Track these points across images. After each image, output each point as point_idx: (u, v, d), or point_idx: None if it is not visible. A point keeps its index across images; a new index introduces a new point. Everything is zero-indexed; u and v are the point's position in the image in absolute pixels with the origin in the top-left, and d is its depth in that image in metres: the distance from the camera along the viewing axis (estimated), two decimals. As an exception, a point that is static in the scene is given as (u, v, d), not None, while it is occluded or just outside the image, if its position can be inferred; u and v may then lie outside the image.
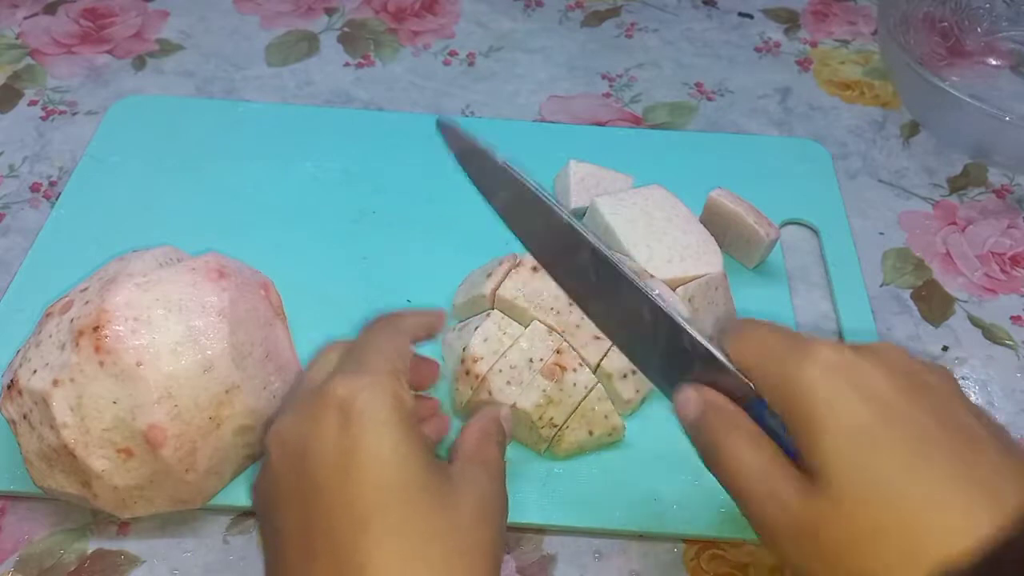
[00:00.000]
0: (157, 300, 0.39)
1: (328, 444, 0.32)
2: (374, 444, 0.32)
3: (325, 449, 0.32)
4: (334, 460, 0.32)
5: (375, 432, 0.32)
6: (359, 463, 0.32)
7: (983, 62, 0.70)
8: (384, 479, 0.32)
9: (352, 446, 0.32)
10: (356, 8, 0.73)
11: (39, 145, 0.61)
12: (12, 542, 0.42)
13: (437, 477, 0.33)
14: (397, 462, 0.32)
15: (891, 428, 0.29)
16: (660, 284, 0.47)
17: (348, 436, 0.32)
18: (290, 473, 0.33)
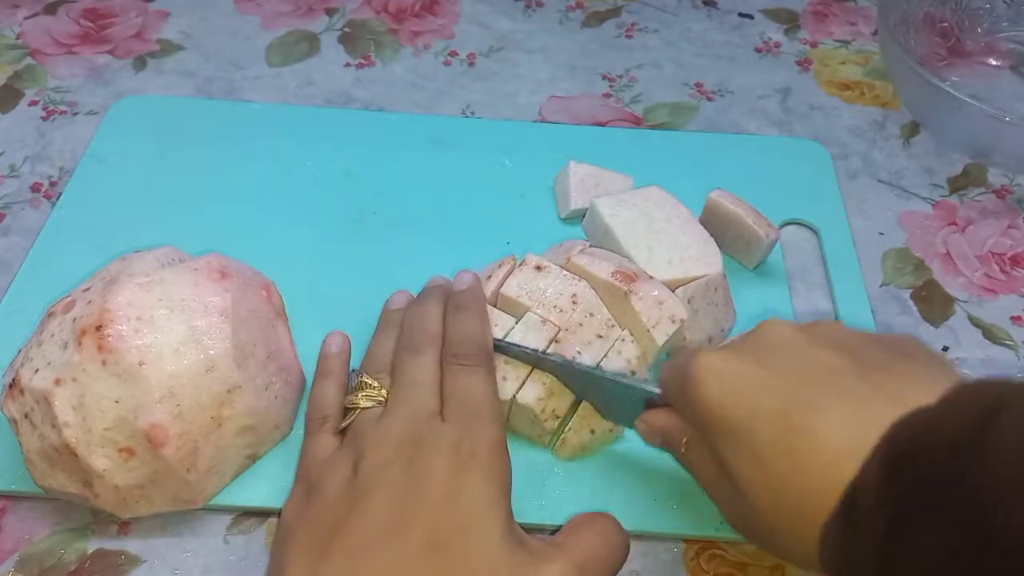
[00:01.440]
0: (160, 300, 0.39)
1: (445, 471, 0.36)
2: (481, 492, 0.36)
3: (440, 472, 0.36)
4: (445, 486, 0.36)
5: (483, 484, 0.36)
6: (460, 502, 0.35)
7: (983, 62, 0.70)
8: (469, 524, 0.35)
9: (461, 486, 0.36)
10: (356, 8, 0.73)
11: (40, 145, 0.61)
12: (13, 542, 0.42)
13: (512, 540, 0.35)
14: (489, 516, 0.35)
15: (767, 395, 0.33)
16: (659, 284, 0.47)
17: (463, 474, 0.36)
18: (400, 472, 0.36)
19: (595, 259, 0.47)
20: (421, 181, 0.58)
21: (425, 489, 0.35)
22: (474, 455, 0.37)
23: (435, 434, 0.38)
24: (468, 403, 0.39)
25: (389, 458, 0.37)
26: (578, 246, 0.49)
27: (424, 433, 0.38)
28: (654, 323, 0.46)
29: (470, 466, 0.36)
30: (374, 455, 0.37)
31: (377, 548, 0.34)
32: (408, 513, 0.35)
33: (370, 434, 0.39)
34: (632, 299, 0.46)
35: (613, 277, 0.46)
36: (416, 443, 0.37)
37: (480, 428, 0.38)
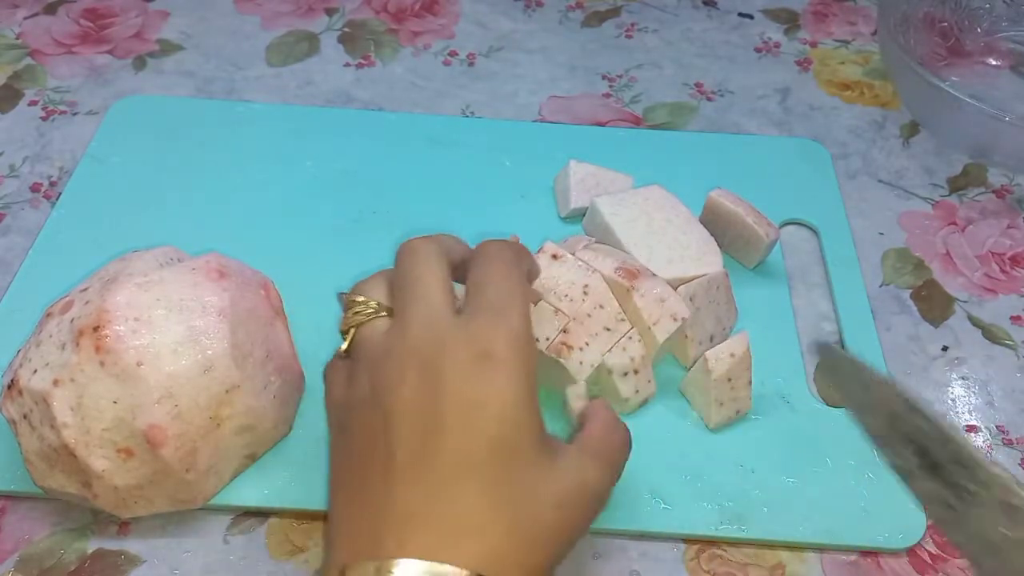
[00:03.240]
0: (158, 300, 0.39)
1: (463, 377, 0.33)
2: (505, 394, 0.33)
3: (459, 379, 0.33)
4: (466, 396, 0.33)
5: (509, 385, 0.33)
6: (487, 407, 0.33)
7: (983, 62, 0.70)
8: (500, 432, 0.33)
9: (484, 389, 0.33)
10: (356, 8, 0.73)
11: (39, 145, 0.61)
12: (12, 542, 0.42)
13: (545, 448, 0.34)
14: (517, 421, 0.33)
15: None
16: (661, 282, 0.47)
17: (483, 380, 0.33)
18: (417, 383, 0.34)
19: (599, 255, 0.47)
20: (421, 181, 0.58)
21: (444, 409, 0.33)
22: (491, 356, 0.34)
23: (449, 337, 0.34)
24: (486, 293, 0.36)
25: (400, 376, 0.34)
26: (582, 242, 0.50)
27: (435, 338, 0.34)
28: (655, 320, 0.46)
29: (489, 371, 0.33)
30: (383, 377, 0.35)
31: (410, 482, 0.32)
32: (430, 441, 0.33)
33: (375, 352, 0.36)
34: (634, 296, 0.46)
35: (616, 273, 0.46)
36: (429, 352, 0.34)
37: (499, 322, 0.34)
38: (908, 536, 0.43)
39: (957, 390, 0.51)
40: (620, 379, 0.45)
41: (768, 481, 0.45)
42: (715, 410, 0.46)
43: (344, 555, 0.32)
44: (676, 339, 0.48)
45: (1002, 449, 0.48)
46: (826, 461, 0.46)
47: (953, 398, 0.50)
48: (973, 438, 0.49)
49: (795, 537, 0.43)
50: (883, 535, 0.43)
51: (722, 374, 0.45)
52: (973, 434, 0.49)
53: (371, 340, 0.36)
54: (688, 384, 0.47)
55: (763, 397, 0.48)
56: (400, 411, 0.33)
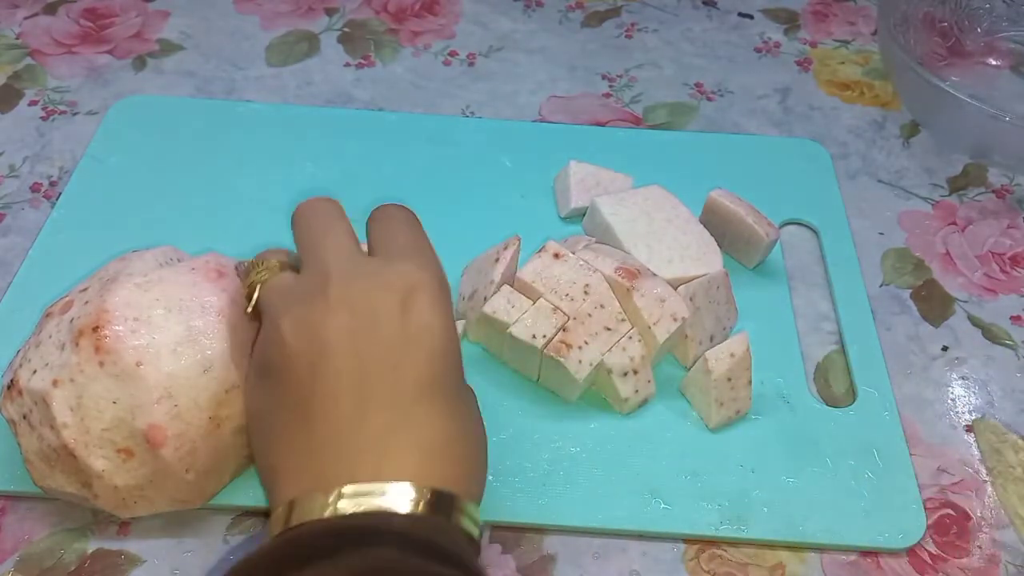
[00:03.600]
0: (157, 300, 0.39)
1: (399, 310, 0.35)
2: (439, 325, 0.35)
3: (395, 311, 0.35)
4: (408, 325, 0.35)
5: (436, 318, 0.35)
6: (423, 336, 0.35)
7: (983, 62, 0.70)
8: (438, 360, 0.35)
9: (415, 327, 0.35)
10: (356, 8, 0.73)
11: (39, 145, 0.61)
12: (12, 542, 0.42)
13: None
14: (456, 348, 0.36)
15: None
16: (661, 282, 0.47)
17: (419, 311, 0.35)
18: (350, 318, 0.35)
19: (599, 255, 0.47)
20: (421, 181, 0.58)
21: (385, 338, 0.34)
22: (421, 290, 0.35)
23: (372, 275, 0.36)
24: (396, 241, 0.38)
25: (329, 313, 0.35)
26: (583, 242, 0.50)
27: (360, 275, 0.36)
28: (655, 320, 0.46)
29: (421, 304, 0.35)
30: (308, 317, 0.35)
31: (364, 406, 0.33)
32: (375, 371, 0.34)
33: (289, 298, 0.36)
34: (634, 295, 0.46)
35: (616, 273, 0.46)
36: (356, 288, 0.35)
37: (419, 263, 0.37)
38: (908, 536, 0.43)
39: (957, 390, 0.51)
40: (620, 379, 0.45)
41: (768, 481, 0.45)
42: (715, 410, 0.46)
43: (290, 490, 0.33)
44: (676, 339, 0.48)
45: (1002, 449, 0.48)
46: (826, 461, 0.46)
47: (953, 398, 0.50)
48: (973, 438, 0.49)
49: (795, 537, 0.43)
50: (883, 535, 0.43)
51: (722, 374, 0.45)
52: (973, 434, 0.49)
53: (281, 289, 0.37)
54: (688, 384, 0.47)
55: (763, 397, 0.48)
56: (336, 346, 0.34)
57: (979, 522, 0.45)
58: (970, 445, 0.48)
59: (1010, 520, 0.44)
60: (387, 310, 0.35)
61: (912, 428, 0.48)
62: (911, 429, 0.48)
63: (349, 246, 0.38)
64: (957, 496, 0.46)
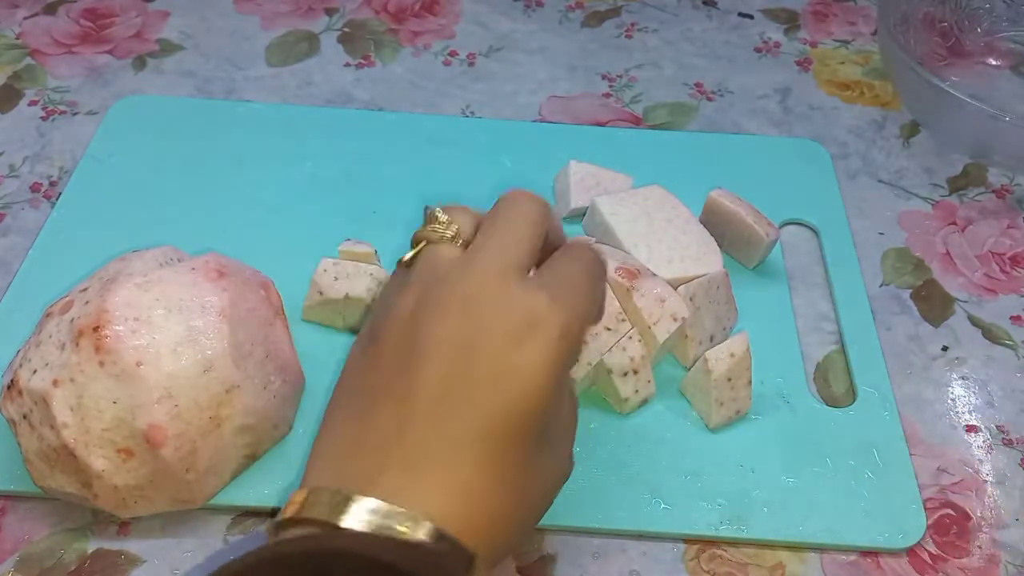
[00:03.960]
0: (157, 300, 0.39)
1: (499, 340, 0.31)
2: (540, 375, 0.31)
3: (494, 341, 0.31)
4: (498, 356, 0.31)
5: (547, 364, 0.31)
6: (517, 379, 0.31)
7: (983, 62, 0.70)
8: (529, 403, 0.31)
9: (521, 361, 0.31)
10: (356, 8, 0.73)
11: (39, 145, 0.61)
12: (12, 542, 0.42)
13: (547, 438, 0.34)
14: (545, 400, 0.32)
15: None
16: (661, 282, 0.47)
17: (523, 350, 0.31)
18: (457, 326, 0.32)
19: None
20: (421, 181, 0.58)
21: (475, 362, 0.31)
22: (538, 329, 0.31)
23: (507, 294, 0.32)
24: (561, 274, 0.34)
25: (444, 311, 0.32)
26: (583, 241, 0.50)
27: (494, 287, 0.32)
28: (655, 320, 0.46)
29: (531, 344, 0.31)
30: (428, 304, 0.33)
31: (419, 425, 0.31)
32: (452, 391, 0.31)
33: (432, 274, 0.34)
34: (634, 295, 0.46)
35: (616, 273, 0.46)
36: (482, 299, 0.32)
37: (561, 302, 0.32)
38: (908, 536, 0.43)
39: (957, 390, 0.51)
40: (620, 379, 0.45)
41: (768, 481, 0.45)
42: (715, 410, 0.46)
43: (321, 476, 0.32)
44: (676, 339, 0.48)
45: (1002, 449, 0.48)
46: (826, 461, 0.46)
47: (953, 398, 0.50)
48: (973, 438, 0.49)
49: (795, 537, 0.43)
50: (883, 535, 0.43)
51: (722, 374, 0.45)
52: (973, 434, 0.49)
53: (433, 261, 0.34)
54: (688, 384, 0.47)
55: (763, 397, 0.48)
56: (432, 348, 0.32)
57: (979, 522, 0.45)
58: (970, 445, 0.48)
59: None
60: (498, 335, 0.31)
61: (912, 428, 0.48)
62: (911, 429, 0.48)
63: (514, 250, 0.34)
64: (957, 496, 0.46)
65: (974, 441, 0.48)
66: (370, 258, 0.49)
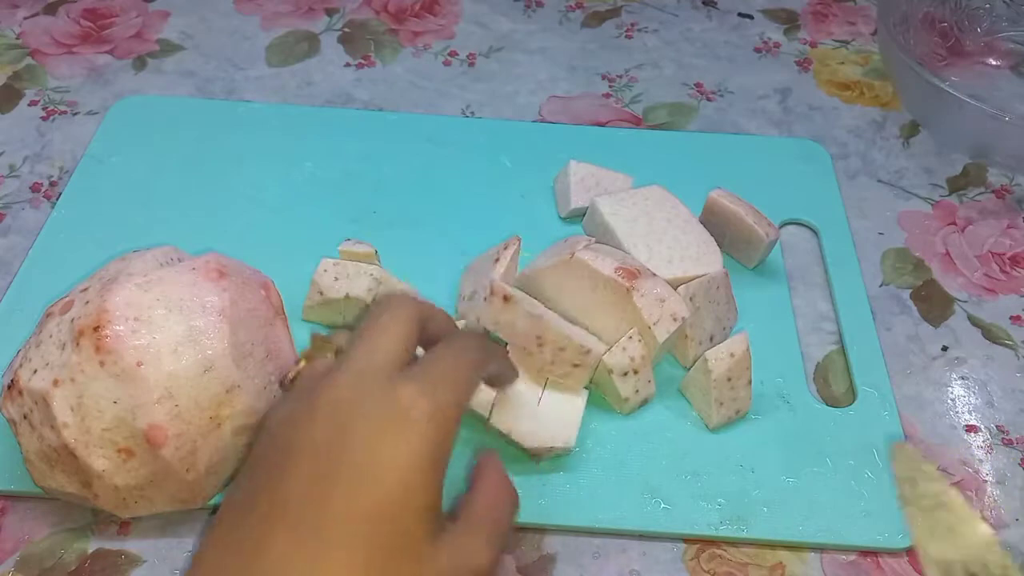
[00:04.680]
0: (158, 300, 0.39)
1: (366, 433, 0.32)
2: (405, 464, 0.31)
3: (361, 434, 0.32)
4: (365, 449, 0.31)
5: (413, 454, 0.32)
6: (383, 469, 0.31)
7: (983, 62, 0.70)
8: (396, 495, 0.31)
9: (386, 450, 0.31)
10: (356, 8, 0.73)
11: (39, 145, 0.61)
12: (12, 542, 0.42)
13: (433, 525, 0.32)
14: (414, 492, 0.32)
15: None
16: (661, 282, 0.47)
17: (388, 439, 0.32)
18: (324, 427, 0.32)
19: (599, 255, 0.47)
20: (421, 181, 0.58)
21: (341, 459, 0.31)
22: (405, 419, 0.32)
23: (372, 391, 0.33)
24: (432, 366, 0.34)
25: (311, 415, 0.33)
26: (582, 242, 0.50)
27: (359, 387, 0.33)
28: (655, 320, 0.46)
29: (396, 434, 0.32)
30: (298, 412, 0.33)
31: (282, 530, 0.31)
32: (316, 491, 0.31)
33: (305, 385, 0.35)
34: (634, 295, 0.46)
35: (616, 273, 0.46)
36: (347, 398, 0.33)
37: (428, 392, 0.33)
38: (908, 536, 0.43)
39: (957, 390, 0.51)
40: (620, 379, 0.45)
41: (768, 481, 0.45)
42: (715, 410, 0.46)
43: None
44: (676, 339, 0.48)
45: (1002, 449, 0.48)
46: (826, 461, 0.46)
47: (953, 398, 0.50)
48: (973, 438, 0.49)
49: (795, 537, 0.43)
50: (883, 535, 0.43)
51: (722, 374, 0.45)
52: (973, 434, 0.49)
53: (308, 374, 0.36)
54: (688, 384, 0.47)
55: (763, 397, 0.48)
56: (299, 450, 0.32)
57: (979, 522, 0.45)
58: (970, 445, 0.48)
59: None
60: (361, 432, 0.32)
61: (912, 428, 0.48)
62: (911, 429, 0.48)
63: (381, 354, 0.34)
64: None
65: (974, 441, 0.48)
66: (370, 258, 0.49)
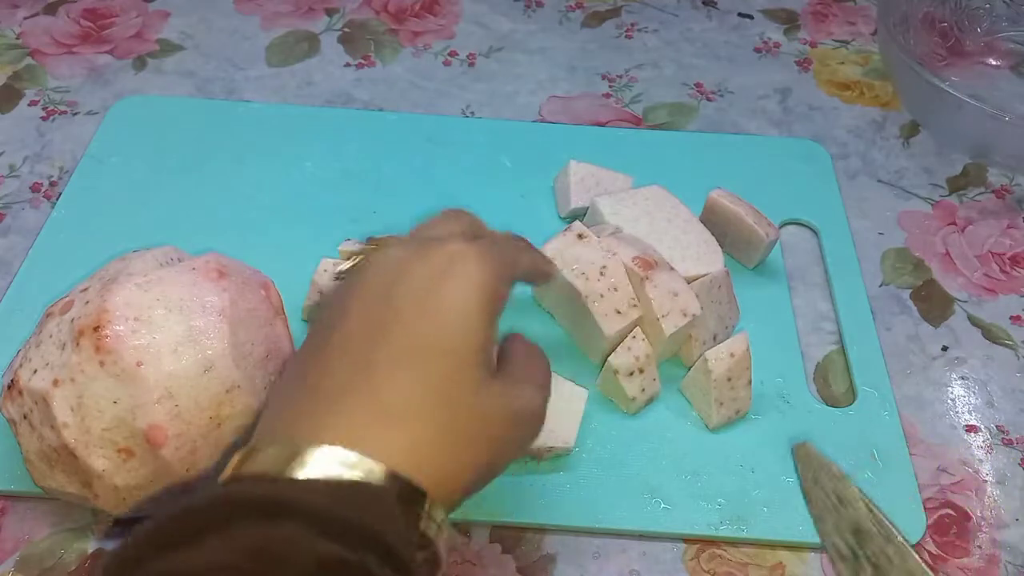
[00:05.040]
0: (157, 300, 0.39)
1: (424, 278, 0.33)
2: (458, 302, 0.33)
3: (421, 279, 0.33)
4: (422, 292, 0.33)
5: (465, 295, 0.33)
6: (440, 306, 0.32)
7: (983, 62, 0.70)
8: (449, 332, 0.32)
9: (442, 291, 0.33)
10: (356, 9, 0.73)
11: (39, 145, 0.61)
12: (12, 542, 0.42)
13: (489, 367, 0.33)
14: (467, 328, 0.32)
15: None
16: (677, 277, 0.47)
17: (443, 283, 0.33)
18: (382, 283, 0.33)
19: (622, 243, 0.48)
20: (420, 181, 0.58)
21: (400, 301, 0.33)
22: (459, 262, 0.33)
23: (432, 244, 0.34)
24: (482, 238, 0.36)
25: (377, 269, 0.34)
26: (608, 229, 0.50)
27: (422, 243, 0.35)
28: (664, 312, 0.46)
29: (452, 279, 0.33)
30: (366, 268, 0.35)
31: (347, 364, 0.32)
32: (380, 330, 0.32)
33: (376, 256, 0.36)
34: (647, 286, 0.46)
35: (633, 262, 0.47)
36: (410, 252, 0.34)
37: (478, 246, 0.34)
38: (908, 536, 0.43)
39: (957, 390, 0.51)
40: (626, 379, 0.45)
41: (768, 481, 0.45)
42: (715, 410, 0.46)
43: (260, 433, 0.31)
44: (682, 338, 0.48)
45: (1002, 449, 0.48)
46: (826, 461, 0.46)
47: (953, 398, 0.50)
48: (973, 438, 0.49)
49: (795, 537, 0.43)
50: (883, 535, 0.43)
51: (722, 374, 0.45)
52: (973, 434, 0.49)
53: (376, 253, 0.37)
54: (688, 384, 0.47)
55: (763, 397, 0.48)
56: (362, 296, 0.33)
57: (979, 522, 0.45)
58: (970, 445, 0.48)
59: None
60: (420, 273, 0.33)
61: (912, 428, 0.48)
62: (911, 429, 0.48)
63: (439, 227, 0.37)
64: (957, 496, 0.46)
65: (974, 441, 0.48)
66: None
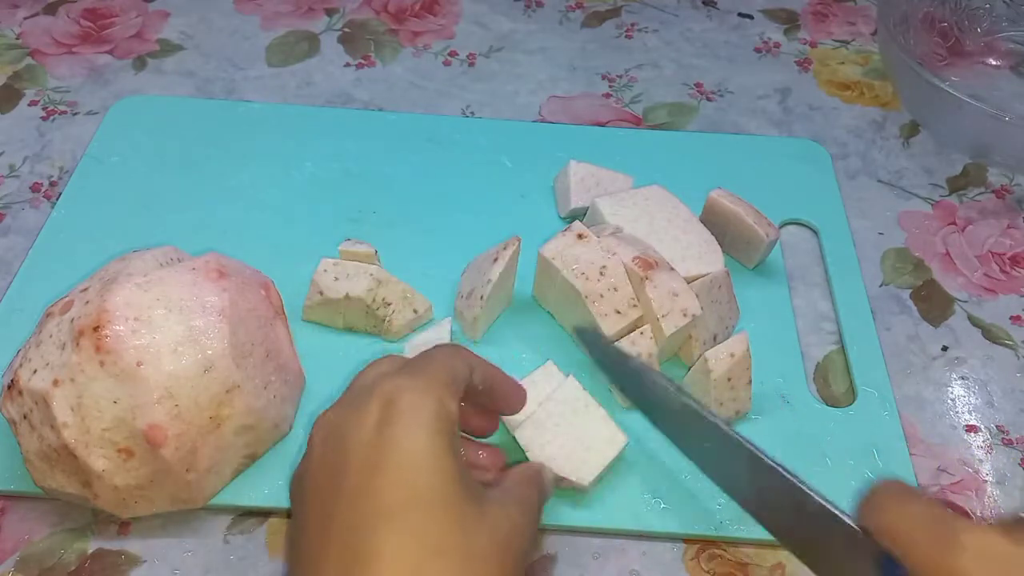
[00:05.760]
0: (157, 300, 0.39)
1: (364, 436, 0.33)
2: (408, 444, 0.32)
3: (361, 440, 0.33)
4: (366, 452, 0.32)
5: (412, 433, 0.32)
6: (389, 460, 0.32)
7: (983, 62, 0.70)
8: (409, 480, 0.32)
9: (386, 442, 0.32)
10: (356, 9, 0.73)
11: (39, 145, 0.61)
12: (12, 542, 0.42)
13: (466, 495, 0.33)
14: (427, 467, 0.32)
15: None
16: (678, 277, 0.47)
17: (385, 432, 0.33)
18: (325, 461, 0.34)
19: (622, 243, 0.48)
20: (421, 181, 0.58)
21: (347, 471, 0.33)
22: (397, 396, 0.33)
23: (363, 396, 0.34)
24: (412, 362, 0.37)
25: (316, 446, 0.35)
26: (608, 229, 0.50)
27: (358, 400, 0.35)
28: (664, 312, 0.46)
29: (390, 428, 0.33)
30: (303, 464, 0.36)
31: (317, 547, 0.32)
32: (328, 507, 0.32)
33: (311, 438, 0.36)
34: (647, 286, 0.46)
35: (633, 262, 0.47)
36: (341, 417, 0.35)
37: (408, 378, 0.34)
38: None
39: (957, 390, 0.51)
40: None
41: (768, 481, 0.45)
42: (715, 410, 0.46)
43: None
44: (683, 338, 0.48)
45: (1002, 449, 0.48)
46: (826, 461, 0.46)
47: (953, 398, 0.50)
48: (973, 438, 0.49)
49: (795, 537, 0.43)
50: (883, 535, 0.43)
51: (722, 374, 0.45)
52: (973, 434, 0.49)
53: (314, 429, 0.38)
54: (688, 384, 0.47)
55: (763, 397, 0.48)
56: (310, 479, 0.34)
57: (979, 522, 0.45)
58: (970, 445, 0.48)
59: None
60: (356, 441, 0.33)
61: (912, 428, 0.48)
62: (911, 429, 0.48)
63: (371, 373, 0.37)
64: (957, 496, 0.46)
65: (974, 441, 0.48)
66: (370, 258, 0.49)
